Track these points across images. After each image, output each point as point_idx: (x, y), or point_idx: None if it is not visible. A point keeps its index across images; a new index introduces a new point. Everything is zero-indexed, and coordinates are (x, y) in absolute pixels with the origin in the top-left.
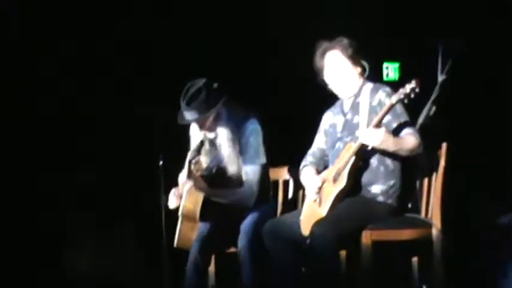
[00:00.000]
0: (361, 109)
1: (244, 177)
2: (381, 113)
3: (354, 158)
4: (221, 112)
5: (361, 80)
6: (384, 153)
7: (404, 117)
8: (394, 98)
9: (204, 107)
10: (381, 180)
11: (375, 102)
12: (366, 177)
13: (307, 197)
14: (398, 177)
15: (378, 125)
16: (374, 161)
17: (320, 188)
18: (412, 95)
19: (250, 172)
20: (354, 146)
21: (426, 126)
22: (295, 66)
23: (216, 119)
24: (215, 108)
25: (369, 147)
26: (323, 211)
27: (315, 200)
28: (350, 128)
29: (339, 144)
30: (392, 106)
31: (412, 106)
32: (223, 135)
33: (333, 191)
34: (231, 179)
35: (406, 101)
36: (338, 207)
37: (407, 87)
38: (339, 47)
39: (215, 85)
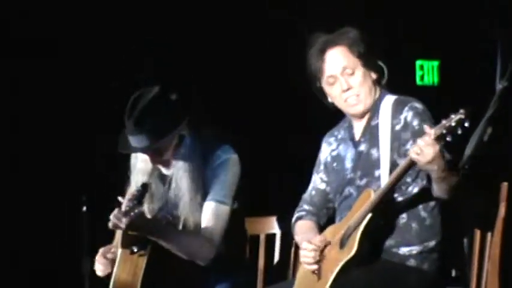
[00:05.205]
0: (381, 136)
1: (202, 219)
2: (401, 166)
3: (370, 215)
4: (183, 136)
5: (377, 91)
6: (418, 201)
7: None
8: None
9: (159, 131)
10: (414, 241)
11: (398, 126)
12: (392, 239)
13: (303, 263)
14: (438, 234)
15: (395, 184)
16: (403, 215)
17: (321, 252)
18: (460, 131)
19: (210, 210)
20: (372, 197)
21: (479, 156)
22: (288, 72)
23: (175, 147)
24: (175, 132)
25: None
26: (324, 285)
27: (314, 271)
28: (366, 165)
29: (348, 189)
30: None
31: None
32: (184, 170)
33: (338, 259)
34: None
35: (448, 138)
36: (347, 277)
37: (453, 119)
38: (345, 42)
39: (173, 96)
